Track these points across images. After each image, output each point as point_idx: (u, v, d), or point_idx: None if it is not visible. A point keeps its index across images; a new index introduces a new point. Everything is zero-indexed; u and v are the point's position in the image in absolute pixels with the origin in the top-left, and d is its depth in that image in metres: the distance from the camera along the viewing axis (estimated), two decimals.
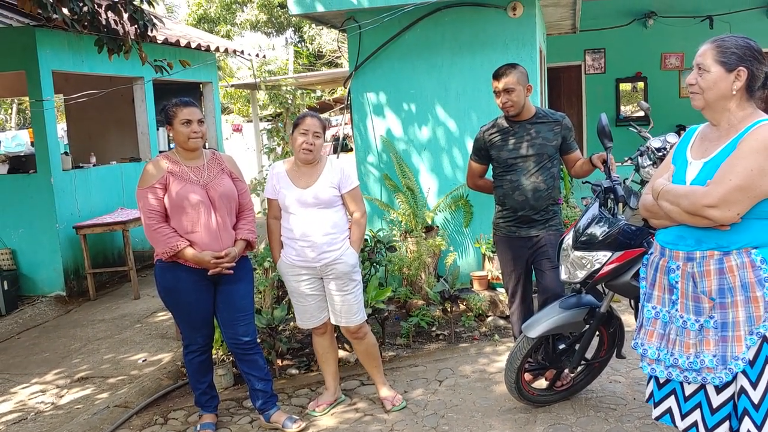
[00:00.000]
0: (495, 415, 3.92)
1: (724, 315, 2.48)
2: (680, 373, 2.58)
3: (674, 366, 2.60)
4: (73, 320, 6.56)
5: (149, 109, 8.72)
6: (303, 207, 3.84)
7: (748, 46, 2.45)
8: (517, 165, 4.05)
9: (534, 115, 4.08)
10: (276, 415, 3.95)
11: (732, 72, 2.44)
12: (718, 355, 2.48)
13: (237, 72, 25.45)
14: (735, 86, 2.44)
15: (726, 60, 2.45)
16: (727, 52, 2.45)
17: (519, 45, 5.83)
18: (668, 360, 2.61)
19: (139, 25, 4.90)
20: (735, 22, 10.38)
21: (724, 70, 2.45)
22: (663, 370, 2.64)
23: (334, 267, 3.87)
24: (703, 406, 2.61)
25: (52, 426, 4.15)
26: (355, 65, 6.23)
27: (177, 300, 3.78)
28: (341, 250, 3.87)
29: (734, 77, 2.44)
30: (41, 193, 7.11)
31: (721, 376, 2.48)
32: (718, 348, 2.48)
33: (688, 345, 2.55)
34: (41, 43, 6.92)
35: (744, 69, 2.43)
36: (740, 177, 2.35)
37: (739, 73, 2.43)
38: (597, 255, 3.43)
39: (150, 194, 3.66)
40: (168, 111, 3.73)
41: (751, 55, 2.44)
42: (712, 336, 2.50)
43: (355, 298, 3.95)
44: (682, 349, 2.57)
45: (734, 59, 2.44)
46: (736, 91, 2.45)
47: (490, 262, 5.77)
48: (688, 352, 2.55)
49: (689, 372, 2.55)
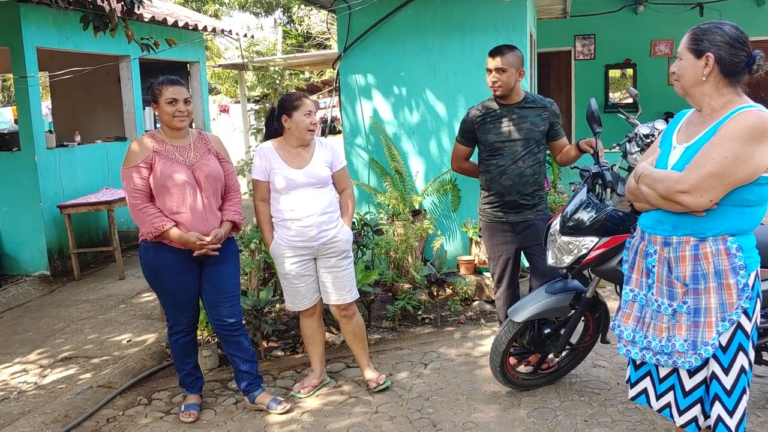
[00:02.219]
0: (479, 399, 3.93)
1: (696, 301, 2.51)
2: (653, 355, 2.64)
3: (647, 348, 2.65)
4: (56, 300, 6.51)
5: (135, 88, 8.61)
6: (300, 187, 3.84)
7: (719, 32, 2.45)
8: (504, 149, 4.04)
9: (523, 99, 4.06)
10: (261, 396, 3.94)
11: (700, 58, 2.46)
12: (689, 339, 2.52)
13: (225, 52, 25.23)
14: (705, 72, 2.45)
15: (695, 47, 2.47)
16: (697, 39, 2.48)
17: (510, 28, 5.80)
18: (642, 342, 2.67)
19: (126, 2, 4.81)
20: (725, 9, 10.37)
21: (693, 57, 2.48)
22: (638, 352, 2.69)
23: (333, 244, 3.90)
24: (676, 388, 2.66)
25: (35, 405, 4.13)
26: (344, 47, 6.17)
27: (162, 281, 3.76)
28: (338, 227, 3.93)
29: (704, 63, 2.45)
30: (25, 172, 7.03)
31: (691, 360, 2.52)
32: (689, 333, 2.53)
33: (661, 329, 2.60)
34: (26, 18, 6.80)
35: (711, 54, 2.43)
36: (714, 164, 2.35)
37: (707, 59, 2.44)
38: (584, 240, 3.43)
39: (135, 173, 3.62)
40: (154, 89, 3.69)
41: (722, 41, 2.43)
42: (684, 321, 2.54)
43: (350, 275, 4.00)
44: (656, 333, 2.62)
45: (703, 46, 2.45)
46: (705, 77, 2.46)
47: (477, 247, 5.77)
48: (661, 335, 2.60)
49: (661, 355, 2.60)
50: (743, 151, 2.33)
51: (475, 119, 4.13)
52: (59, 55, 8.32)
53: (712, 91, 2.48)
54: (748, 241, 2.51)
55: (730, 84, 2.47)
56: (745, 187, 2.39)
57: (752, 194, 2.42)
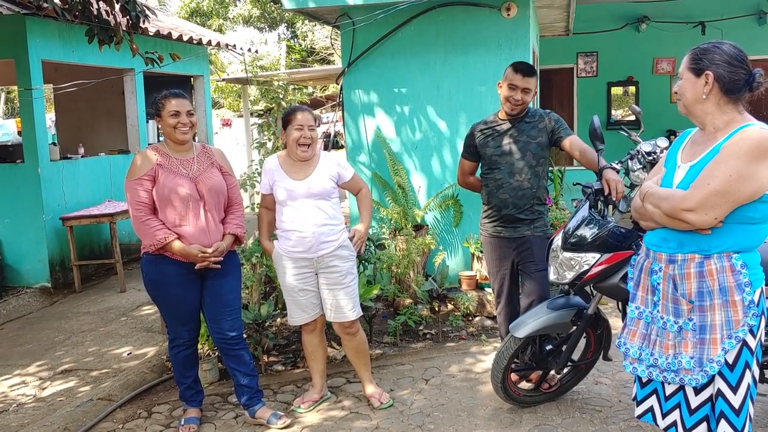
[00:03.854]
0: (481, 415, 3.91)
1: (702, 318, 2.52)
2: (659, 373, 2.64)
3: (654, 366, 2.66)
4: (57, 312, 6.50)
5: (139, 101, 8.65)
6: (300, 198, 3.84)
7: (717, 51, 2.49)
8: (501, 162, 4.04)
9: (525, 114, 4.07)
10: (261, 411, 3.93)
11: (700, 77, 2.50)
12: (696, 357, 2.53)
13: (228, 67, 25.36)
14: (705, 90, 2.49)
15: (695, 66, 2.52)
16: (696, 59, 2.52)
17: (512, 45, 5.83)
18: (649, 360, 2.68)
19: (131, 16, 4.85)
20: (727, 28, 10.42)
21: (693, 76, 2.53)
22: (644, 369, 2.70)
23: (332, 259, 3.88)
24: (682, 406, 2.66)
25: (34, 418, 4.11)
26: (347, 62, 6.20)
27: (163, 293, 3.76)
28: (339, 242, 3.89)
29: (703, 81, 2.49)
30: (28, 184, 7.04)
31: (698, 377, 2.53)
32: (695, 350, 2.53)
33: (668, 346, 2.61)
34: (31, 31, 6.85)
35: (710, 73, 2.47)
36: (719, 182, 2.37)
37: (707, 77, 2.48)
38: (586, 256, 3.43)
39: (138, 186, 3.63)
40: (157, 103, 3.71)
41: (721, 59, 2.47)
42: (690, 338, 2.55)
43: (352, 292, 3.95)
44: (662, 350, 2.63)
45: (702, 64, 2.50)
46: (706, 95, 2.49)
47: (479, 262, 5.77)
48: (667, 352, 2.61)
49: (668, 372, 2.61)
50: (747, 169, 2.35)
51: (476, 134, 4.15)
52: (64, 68, 8.37)
53: (713, 110, 2.51)
54: (752, 258, 2.52)
55: (731, 102, 2.50)
56: (749, 205, 2.41)
57: (756, 212, 2.44)
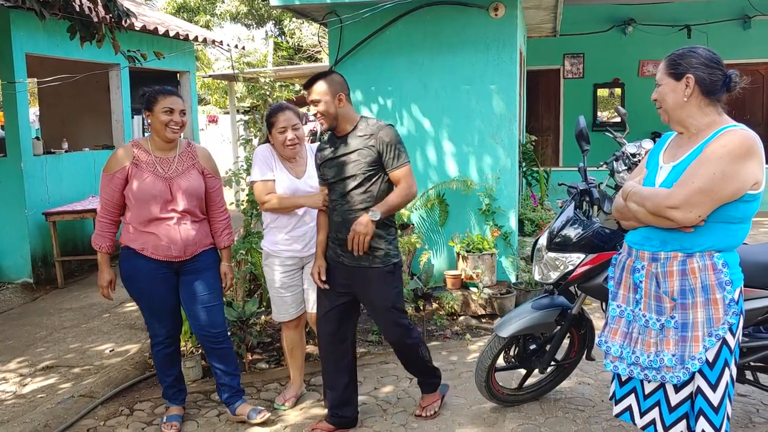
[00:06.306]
0: (464, 414, 3.92)
1: (684, 315, 2.56)
2: (641, 371, 2.67)
3: (635, 364, 2.68)
4: (39, 308, 6.44)
5: (124, 97, 8.59)
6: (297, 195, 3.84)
7: (694, 55, 2.56)
8: (335, 183, 3.57)
9: (354, 127, 3.56)
10: (241, 407, 3.92)
11: (680, 80, 2.55)
12: (677, 354, 2.56)
13: (215, 63, 25.26)
14: (686, 93, 2.55)
15: (674, 71, 2.57)
16: (673, 63, 2.58)
17: (500, 46, 5.84)
18: (630, 358, 2.70)
19: (114, 14, 4.80)
20: (712, 32, 10.53)
21: (673, 80, 2.57)
22: (625, 367, 2.73)
23: None
24: (661, 404, 2.69)
25: (14, 415, 4.07)
26: (335, 60, 6.19)
27: (136, 288, 3.74)
28: None
29: (684, 85, 2.54)
30: (10, 178, 6.97)
31: (680, 375, 2.56)
32: (677, 348, 2.57)
33: (650, 344, 2.64)
34: (15, 24, 6.78)
35: (691, 75, 2.53)
36: (702, 180, 2.42)
37: (687, 81, 2.53)
38: (571, 257, 3.45)
39: (109, 182, 3.65)
40: (149, 97, 3.65)
41: (698, 62, 2.54)
42: (672, 336, 2.58)
43: None
44: (644, 348, 2.65)
45: (681, 68, 2.55)
46: (687, 98, 2.55)
47: (464, 262, 5.78)
48: (649, 350, 2.63)
49: (649, 370, 2.64)
50: (730, 168, 2.41)
51: (318, 155, 3.71)
52: (48, 62, 8.29)
53: (695, 112, 2.57)
54: (733, 257, 2.57)
55: (711, 104, 2.56)
56: (731, 204, 2.46)
57: (737, 211, 2.49)
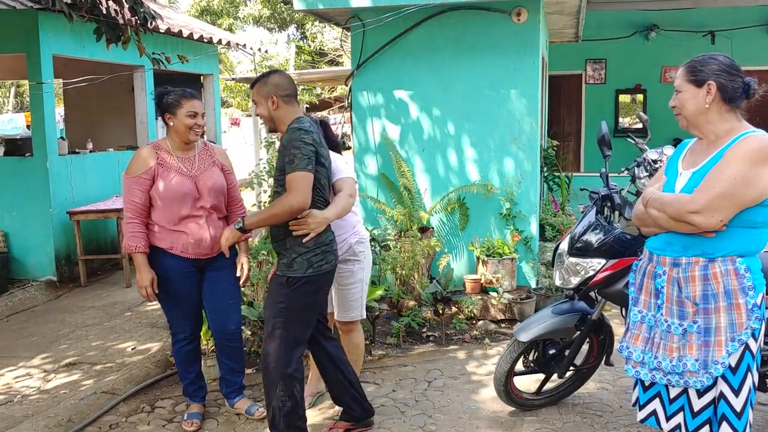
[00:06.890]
0: (482, 417, 3.92)
1: (707, 320, 2.56)
2: (663, 376, 2.67)
3: (658, 369, 2.68)
4: (62, 306, 6.53)
5: (149, 99, 8.66)
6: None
7: (714, 61, 2.57)
8: None
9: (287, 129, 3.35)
10: (240, 402, 4.02)
11: (702, 87, 2.56)
12: (700, 359, 2.56)
13: (237, 66, 25.43)
14: (707, 100, 2.56)
15: (695, 77, 2.58)
16: (694, 70, 2.59)
17: (522, 51, 5.84)
18: (652, 363, 2.70)
19: (139, 16, 4.87)
20: (736, 38, 10.42)
21: (694, 87, 2.58)
22: (647, 373, 2.72)
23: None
24: (685, 409, 2.69)
25: (38, 409, 4.14)
26: (357, 63, 6.22)
27: (164, 287, 3.77)
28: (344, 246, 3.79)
29: (705, 91, 2.55)
30: (36, 177, 7.07)
31: (703, 380, 2.56)
32: (700, 352, 2.56)
33: (672, 349, 2.63)
34: (43, 26, 6.89)
35: (713, 82, 2.54)
36: (724, 185, 2.44)
37: (709, 87, 2.55)
38: (591, 262, 3.44)
39: (134, 184, 3.66)
40: (172, 100, 3.68)
41: (719, 69, 2.55)
42: (695, 340, 2.58)
43: (353, 295, 3.88)
44: (666, 353, 2.65)
45: (702, 75, 2.57)
46: (708, 104, 2.56)
47: (484, 266, 5.77)
48: (672, 355, 2.63)
49: (672, 375, 2.63)
50: (750, 173, 2.42)
51: None
52: (74, 63, 8.42)
53: (715, 118, 2.58)
54: (755, 263, 2.58)
55: (731, 110, 2.58)
56: (752, 209, 2.47)
57: (759, 215, 2.50)
